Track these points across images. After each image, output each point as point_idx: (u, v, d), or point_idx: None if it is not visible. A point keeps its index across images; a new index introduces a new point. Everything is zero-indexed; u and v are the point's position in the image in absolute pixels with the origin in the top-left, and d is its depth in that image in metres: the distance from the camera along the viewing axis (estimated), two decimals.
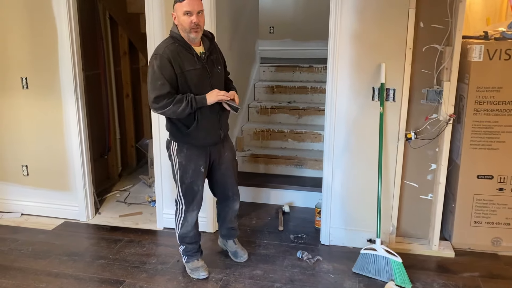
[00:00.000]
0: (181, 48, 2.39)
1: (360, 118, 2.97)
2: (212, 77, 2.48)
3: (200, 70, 2.43)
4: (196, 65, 2.41)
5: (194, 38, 2.38)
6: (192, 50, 2.41)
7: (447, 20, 2.77)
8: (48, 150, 3.52)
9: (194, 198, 2.63)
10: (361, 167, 3.04)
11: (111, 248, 3.13)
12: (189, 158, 2.55)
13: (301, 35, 6.04)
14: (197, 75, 2.42)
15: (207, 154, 2.60)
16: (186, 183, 2.59)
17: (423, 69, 2.88)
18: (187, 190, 2.61)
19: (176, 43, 2.40)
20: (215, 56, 2.52)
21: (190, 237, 2.74)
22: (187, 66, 2.39)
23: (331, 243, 3.19)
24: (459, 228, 3.09)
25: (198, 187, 2.61)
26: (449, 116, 2.83)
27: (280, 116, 4.57)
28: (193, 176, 2.57)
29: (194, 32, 2.35)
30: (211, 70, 2.48)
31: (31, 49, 3.37)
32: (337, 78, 2.94)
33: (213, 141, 2.57)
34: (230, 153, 2.71)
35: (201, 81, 2.43)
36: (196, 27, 2.34)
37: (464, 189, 3.04)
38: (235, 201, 2.81)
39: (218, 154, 2.64)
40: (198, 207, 2.68)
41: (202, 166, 2.58)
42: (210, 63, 2.48)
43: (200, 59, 2.43)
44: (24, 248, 3.14)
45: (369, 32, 2.84)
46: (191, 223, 2.69)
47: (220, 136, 2.58)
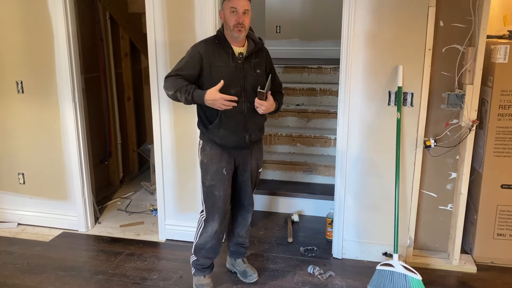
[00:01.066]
0: (219, 45, 2.37)
1: (375, 124, 2.78)
2: (246, 78, 2.37)
3: (233, 69, 2.35)
4: (229, 63, 2.35)
5: (237, 37, 2.32)
6: (229, 48, 2.36)
7: (470, 18, 2.57)
8: (45, 157, 3.36)
9: (214, 204, 2.47)
10: (376, 176, 2.85)
11: (110, 262, 2.96)
12: (211, 158, 2.45)
13: (309, 35, 5.84)
14: (228, 73, 2.33)
15: (231, 157, 2.46)
16: (207, 185, 2.46)
17: (443, 72, 2.68)
18: (208, 193, 2.47)
19: (216, 40, 2.39)
20: (257, 60, 2.42)
21: (207, 250, 2.54)
22: (218, 62, 2.34)
23: (343, 256, 3.00)
24: (481, 241, 2.90)
25: (219, 192, 2.45)
26: (472, 122, 2.63)
27: (288, 119, 4.38)
28: (214, 178, 2.44)
29: (237, 31, 2.29)
30: (247, 71, 2.38)
31: (27, 51, 3.20)
32: (350, 82, 2.75)
33: (235, 143, 2.41)
34: (256, 163, 2.56)
35: (231, 80, 2.33)
36: (240, 26, 2.28)
37: (486, 199, 2.84)
38: (249, 212, 2.67)
39: (243, 160, 2.50)
40: (219, 217, 2.48)
41: (225, 168, 2.44)
42: (248, 65, 2.38)
43: (235, 58, 2.36)
44: (19, 262, 2.98)
45: (384, 32, 2.65)
46: (211, 233, 2.50)
47: (244, 139, 2.41)
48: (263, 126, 2.55)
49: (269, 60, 2.53)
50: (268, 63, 2.51)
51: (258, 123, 2.47)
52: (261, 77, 2.42)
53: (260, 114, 2.40)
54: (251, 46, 2.41)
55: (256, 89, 2.33)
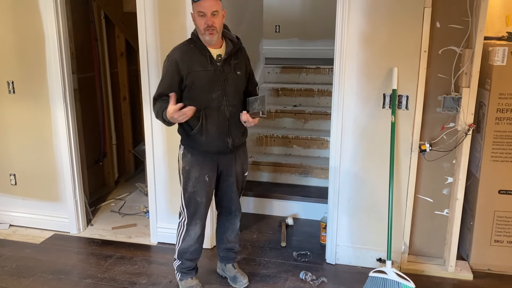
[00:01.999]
0: (195, 49, 2.29)
1: (369, 127, 2.72)
2: (227, 81, 2.30)
3: (212, 72, 2.27)
4: (207, 67, 2.27)
5: (209, 40, 2.24)
6: (206, 51, 2.28)
7: (467, 19, 2.50)
8: (37, 158, 3.32)
9: (196, 211, 2.43)
10: (370, 180, 2.78)
11: (100, 266, 2.92)
12: (193, 165, 2.38)
13: (308, 34, 5.79)
14: (207, 77, 2.27)
15: (214, 163, 2.40)
16: (188, 192, 2.41)
17: (439, 74, 2.61)
18: (190, 200, 2.42)
19: (191, 44, 2.31)
20: (236, 61, 2.34)
21: (191, 253, 2.52)
22: (196, 67, 2.26)
23: (337, 262, 2.94)
24: (478, 247, 2.83)
25: (201, 199, 2.41)
26: (468, 126, 2.56)
27: (285, 120, 4.32)
28: (196, 185, 2.39)
29: (208, 34, 2.21)
30: (227, 74, 2.30)
31: (18, 51, 3.16)
32: (344, 84, 2.69)
33: (218, 149, 2.35)
34: (240, 167, 2.50)
35: (211, 84, 2.27)
36: (211, 29, 2.19)
37: (483, 205, 2.77)
38: (236, 217, 2.60)
39: (227, 165, 2.44)
40: (201, 221, 2.47)
41: (207, 175, 2.38)
42: (227, 67, 2.31)
43: (213, 61, 2.28)
44: (8, 264, 2.94)
45: (379, 33, 2.58)
46: (194, 237, 2.48)
47: (227, 144, 2.34)
48: (246, 129, 2.48)
49: (248, 61, 2.46)
50: (247, 63, 2.44)
51: (241, 127, 2.40)
52: (242, 79, 2.36)
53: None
54: (229, 47, 2.33)
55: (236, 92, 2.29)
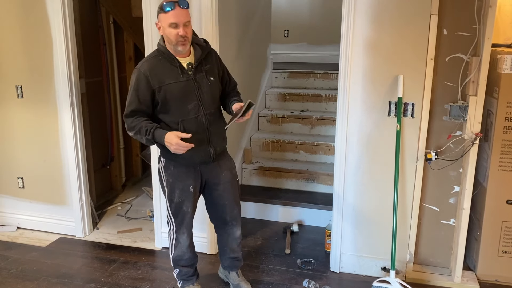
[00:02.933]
0: (164, 61, 2.21)
1: (374, 135, 2.69)
2: (201, 89, 2.24)
3: (185, 83, 2.21)
4: (179, 78, 2.20)
5: (182, 50, 2.18)
6: (176, 62, 2.21)
7: (475, 27, 2.47)
8: (44, 162, 3.35)
9: (183, 220, 2.41)
10: (376, 188, 2.76)
11: (104, 270, 2.93)
12: (176, 177, 2.34)
13: (318, 39, 5.76)
14: (180, 89, 2.20)
15: (197, 173, 2.36)
16: (175, 202, 2.37)
17: (446, 82, 2.58)
18: (176, 209, 2.39)
19: (159, 56, 2.23)
20: (208, 67, 2.28)
21: (186, 260, 2.51)
22: (168, 80, 2.19)
23: (341, 270, 2.91)
24: (485, 258, 2.78)
25: (187, 208, 2.38)
26: (475, 135, 2.52)
27: (292, 125, 4.30)
28: (181, 195, 2.35)
29: (181, 45, 2.15)
30: (200, 82, 2.25)
31: (27, 56, 3.20)
32: (349, 91, 2.67)
33: (200, 160, 2.31)
34: (228, 173, 2.44)
35: (186, 95, 2.21)
36: (183, 40, 2.13)
37: (491, 215, 2.72)
38: (234, 226, 2.52)
39: (212, 173, 2.39)
40: (188, 230, 2.45)
41: (191, 185, 2.34)
42: (200, 75, 2.25)
43: (185, 71, 2.22)
44: (13, 267, 2.97)
45: (385, 40, 2.56)
46: (185, 244, 2.47)
47: (209, 154, 2.31)
48: (225, 135, 2.43)
49: (220, 62, 2.39)
50: (220, 65, 2.37)
51: (221, 133, 2.36)
52: (216, 84, 2.30)
53: (222, 123, 2.32)
54: (199, 53, 2.24)
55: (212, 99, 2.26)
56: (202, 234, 3.05)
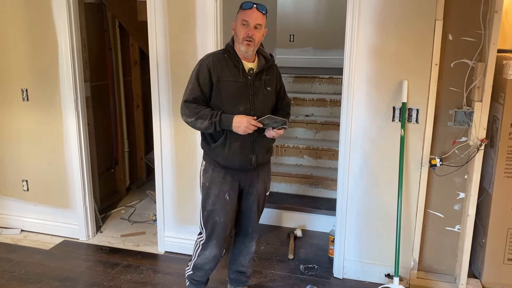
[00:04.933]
0: (228, 59, 2.24)
1: (378, 140, 2.68)
2: (256, 96, 2.23)
3: (242, 84, 2.22)
4: (238, 78, 2.22)
5: (245, 51, 2.19)
6: (239, 63, 2.23)
7: (480, 32, 2.45)
8: (49, 165, 3.37)
9: (213, 230, 2.34)
10: (380, 194, 2.74)
11: (106, 274, 2.93)
12: (213, 181, 2.31)
13: (323, 44, 5.76)
14: (236, 89, 2.21)
15: (235, 181, 2.31)
16: (207, 210, 2.33)
17: (451, 87, 2.56)
18: (208, 218, 2.33)
19: (225, 54, 2.26)
20: (268, 77, 2.28)
21: (206, 270, 2.44)
22: (227, 77, 2.21)
23: (344, 276, 2.89)
24: (490, 265, 2.75)
25: (220, 218, 2.31)
26: (481, 141, 2.50)
27: (297, 130, 4.29)
28: (215, 202, 2.31)
29: (246, 45, 2.17)
30: (257, 88, 2.24)
31: (32, 60, 3.22)
32: (353, 96, 2.66)
33: (241, 165, 2.26)
34: (262, 185, 2.39)
35: (240, 96, 2.21)
36: (249, 40, 2.16)
37: (496, 222, 2.69)
38: (253, 239, 2.50)
39: (249, 183, 2.35)
40: (218, 242, 2.35)
41: (227, 193, 2.30)
42: (258, 82, 2.25)
43: (245, 74, 2.23)
44: (16, 270, 2.98)
45: (389, 46, 2.55)
46: (209, 256, 2.39)
47: (251, 161, 2.26)
48: (272, 148, 2.40)
49: (279, 78, 2.41)
50: (278, 81, 2.39)
51: (266, 144, 2.32)
52: (271, 96, 2.30)
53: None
54: (262, 62, 2.28)
55: (265, 108, 2.24)
56: None
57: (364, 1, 2.53)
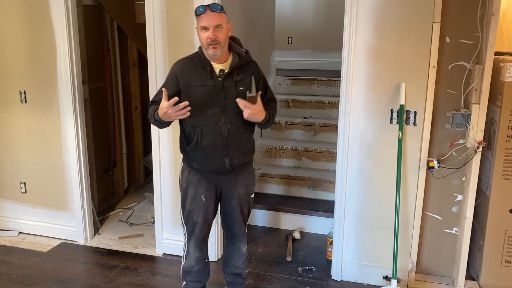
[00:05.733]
0: (197, 63, 2.21)
1: (376, 142, 2.68)
2: (226, 98, 2.18)
3: (211, 88, 2.17)
4: (207, 81, 2.17)
5: (212, 54, 2.14)
6: (208, 66, 2.18)
7: (477, 35, 2.46)
8: (47, 167, 3.36)
9: (193, 230, 2.36)
10: (377, 196, 2.74)
11: (104, 276, 2.92)
12: (190, 182, 2.32)
13: (321, 46, 5.78)
14: (205, 93, 2.17)
15: (211, 183, 2.30)
16: (186, 209, 2.35)
17: (448, 90, 2.57)
18: (188, 218, 2.36)
19: (195, 58, 2.24)
20: (241, 77, 2.21)
21: (195, 273, 2.45)
22: (195, 82, 2.18)
23: (343, 278, 2.89)
24: (488, 267, 2.75)
25: (197, 218, 2.33)
26: (478, 143, 2.50)
27: (295, 132, 4.30)
28: (192, 203, 2.32)
29: (212, 48, 2.11)
30: (228, 90, 2.18)
31: (30, 62, 3.22)
32: (351, 98, 2.66)
33: (215, 168, 2.24)
34: (243, 189, 2.35)
35: (209, 100, 2.18)
36: (214, 43, 2.10)
37: (494, 224, 2.69)
38: (241, 241, 2.45)
39: (227, 186, 2.32)
40: (197, 243, 2.38)
41: (203, 195, 2.30)
42: (229, 83, 2.19)
43: (215, 76, 2.18)
44: (14, 272, 2.97)
45: (387, 48, 2.55)
46: (193, 257, 2.41)
47: (224, 164, 2.22)
48: (251, 149, 2.35)
49: (258, 74, 2.30)
50: (258, 77, 2.29)
51: (242, 147, 2.27)
52: (243, 96, 2.21)
53: (246, 136, 2.26)
54: (235, 61, 2.20)
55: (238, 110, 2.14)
56: None
57: (362, 4, 2.54)
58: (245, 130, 2.27)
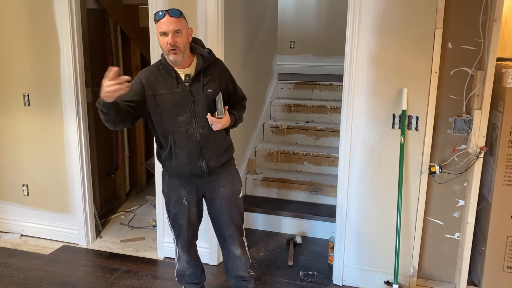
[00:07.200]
0: (162, 71, 2.18)
1: (378, 147, 2.69)
2: (195, 102, 2.16)
3: (179, 94, 2.15)
4: (174, 89, 2.15)
5: (174, 60, 2.11)
6: (173, 73, 2.16)
7: (479, 41, 2.47)
8: (49, 170, 3.37)
9: (180, 233, 2.38)
10: (379, 201, 2.74)
11: (106, 279, 2.93)
12: (171, 187, 2.33)
13: (323, 50, 5.79)
14: (173, 100, 2.15)
15: (192, 186, 2.30)
16: (171, 213, 2.37)
17: (450, 95, 2.58)
18: (174, 221, 2.38)
19: (160, 66, 2.20)
20: (208, 78, 2.19)
21: (189, 276, 2.47)
22: (162, 90, 2.15)
23: (344, 283, 2.89)
24: (490, 273, 2.74)
25: (182, 221, 2.34)
26: (480, 148, 2.51)
27: (297, 136, 4.31)
28: (175, 207, 2.33)
29: (172, 54, 2.08)
30: (196, 94, 2.17)
31: (34, 65, 3.24)
32: (353, 103, 2.67)
33: (192, 173, 2.23)
34: (227, 189, 2.33)
35: (178, 107, 2.15)
36: (174, 49, 2.06)
37: (496, 230, 2.69)
38: (232, 244, 2.41)
39: (209, 188, 2.32)
40: (185, 245, 2.39)
41: (185, 198, 2.30)
42: (196, 87, 2.17)
43: (181, 82, 2.16)
44: (16, 274, 2.98)
45: (389, 54, 2.56)
46: (184, 260, 2.43)
47: (201, 168, 2.21)
48: (228, 148, 2.33)
49: (225, 73, 2.29)
50: (223, 78, 2.27)
51: (217, 148, 2.25)
52: (212, 97, 2.20)
53: (220, 137, 2.26)
54: (199, 64, 2.17)
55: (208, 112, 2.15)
56: (203, 244, 3.05)
57: (364, 9, 2.56)
58: (219, 131, 2.24)
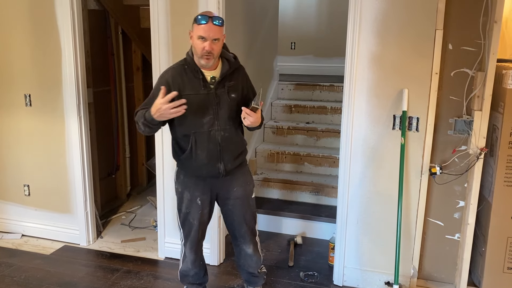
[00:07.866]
0: (188, 71, 2.20)
1: (379, 148, 2.69)
2: (219, 105, 2.20)
3: (205, 96, 2.19)
4: (200, 90, 2.18)
5: (205, 64, 2.15)
6: (200, 74, 2.19)
7: (480, 42, 2.47)
8: (50, 170, 3.38)
9: (189, 232, 2.39)
10: (380, 201, 2.75)
11: (106, 279, 2.93)
12: (185, 186, 2.34)
13: (324, 51, 5.79)
14: (199, 101, 2.18)
15: (207, 186, 2.33)
16: (183, 212, 2.38)
17: (451, 96, 2.58)
18: (184, 220, 2.39)
19: (185, 65, 2.22)
20: (232, 83, 2.24)
21: (192, 277, 2.48)
22: (188, 90, 2.17)
23: (344, 284, 2.90)
24: (490, 274, 2.75)
25: (194, 220, 2.36)
26: (480, 149, 2.51)
27: (297, 137, 4.31)
28: (188, 206, 2.35)
29: (205, 59, 2.12)
30: (221, 97, 2.21)
31: (36, 65, 3.25)
32: (353, 104, 2.68)
33: (208, 174, 2.28)
34: (240, 189, 2.36)
35: (203, 108, 2.19)
36: (208, 55, 2.11)
37: (496, 230, 2.70)
38: (244, 243, 2.45)
39: (223, 188, 2.35)
40: (193, 246, 2.41)
41: (199, 197, 2.33)
42: (221, 90, 2.21)
43: (207, 84, 2.19)
44: (17, 275, 2.98)
45: (390, 55, 2.57)
46: (189, 260, 2.44)
47: (219, 170, 2.26)
48: (243, 151, 2.37)
49: (246, 80, 2.34)
50: (244, 84, 2.32)
51: (234, 151, 2.30)
52: (235, 102, 2.25)
53: (239, 140, 2.29)
54: (225, 68, 2.22)
55: (229, 115, 2.21)
56: (204, 244, 3.02)
57: (365, 10, 2.56)
58: (237, 134, 2.31)
